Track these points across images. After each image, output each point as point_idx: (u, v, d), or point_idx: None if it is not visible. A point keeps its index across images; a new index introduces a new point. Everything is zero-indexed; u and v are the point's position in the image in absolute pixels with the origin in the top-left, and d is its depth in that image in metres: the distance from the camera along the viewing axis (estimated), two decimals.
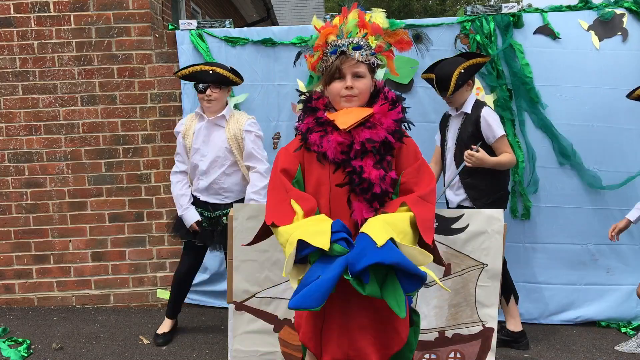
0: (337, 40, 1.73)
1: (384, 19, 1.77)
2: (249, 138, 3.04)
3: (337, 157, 1.70)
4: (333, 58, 1.72)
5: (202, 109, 3.09)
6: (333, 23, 1.77)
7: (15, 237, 3.91)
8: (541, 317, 3.55)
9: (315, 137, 1.73)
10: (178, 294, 3.33)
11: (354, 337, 1.71)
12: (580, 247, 3.48)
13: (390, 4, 18.03)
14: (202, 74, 2.99)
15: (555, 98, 3.42)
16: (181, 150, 3.14)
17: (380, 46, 1.76)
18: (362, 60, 1.71)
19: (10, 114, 3.83)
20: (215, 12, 8.96)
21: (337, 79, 1.73)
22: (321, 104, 1.79)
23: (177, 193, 3.13)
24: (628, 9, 3.36)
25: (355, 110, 1.72)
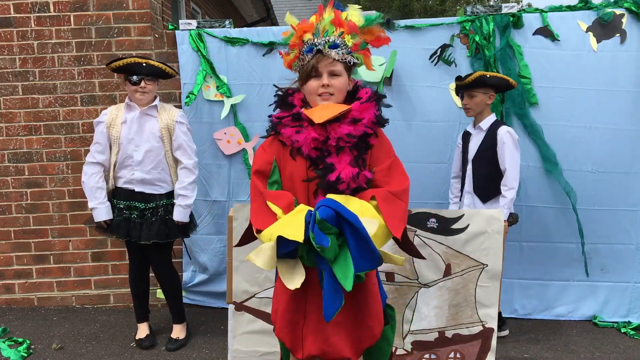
0: (314, 39, 1.74)
1: (359, 16, 1.77)
2: (181, 129, 3.08)
3: (312, 153, 1.71)
4: (309, 57, 1.73)
5: (132, 100, 3.06)
6: (309, 21, 1.77)
7: (15, 237, 3.91)
8: (535, 312, 3.60)
9: (290, 132, 1.74)
10: (137, 297, 3.30)
11: (329, 333, 1.74)
12: (574, 245, 3.51)
13: (390, 4, 18.00)
14: (136, 67, 2.98)
15: (553, 99, 3.42)
16: (102, 140, 3.05)
17: (357, 44, 1.76)
18: (338, 59, 1.72)
19: (10, 114, 3.83)
20: (215, 12, 8.95)
21: (313, 77, 1.74)
22: (298, 99, 1.80)
23: (93, 185, 3.02)
24: (628, 9, 3.35)
25: (331, 106, 1.73)
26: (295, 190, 1.76)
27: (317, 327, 1.75)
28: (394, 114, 3.57)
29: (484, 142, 3.10)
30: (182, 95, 3.69)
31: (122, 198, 3.08)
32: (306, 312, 1.77)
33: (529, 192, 3.50)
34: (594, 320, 3.52)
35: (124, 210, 3.07)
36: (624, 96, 3.38)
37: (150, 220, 3.06)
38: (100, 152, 3.06)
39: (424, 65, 3.50)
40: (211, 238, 3.74)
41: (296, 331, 1.78)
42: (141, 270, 3.27)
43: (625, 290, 3.52)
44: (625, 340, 3.29)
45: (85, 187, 3.07)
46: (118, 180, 3.09)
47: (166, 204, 3.10)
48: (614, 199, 3.46)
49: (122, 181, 3.08)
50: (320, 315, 1.72)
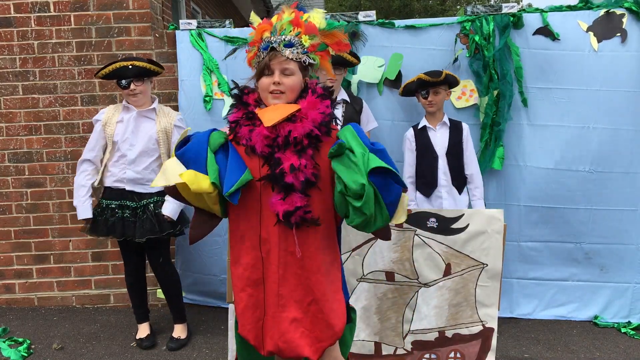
0: (270, 37, 1.76)
1: (321, 19, 1.78)
2: (179, 133, 3.11)
3: (264, 151, 1.72)
4: (264, 54, 1.75)
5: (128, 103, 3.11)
6: (271, 20, 1.80)
7: (15, 237, 3.92)
8: (534, 312, 3.59)
9: (244, 131, 1.76)
10: (135, 298, 3.31)
11: (284, 329, 1.74)
12: (573, 245, 3.51)
13: (391, 3, 18.01)
14: (122, 70, 3.01)
15: (553, 99, 3.42)
16: (96, 138, 3.11)
17: (314, 45, 1.77)
18: (292, 58, 1.73)
19: (10, 114, 3.83)
20: (215, 12, 8.96)
21: (266, 75, 1.75)
22: (252, 99, 1.81)
23: (79, 183, 3.10)
24: (628, 9, 3.35)
25: (281, 107, 1.74)
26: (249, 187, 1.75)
27: (272, 324, 1.75)
28: (394, 114, 3.58)
29: (452, 136, 3.19)
30: (179, 93, 3.67)
31: (113, 198, 3.10)
32: (265, 307, 1.77)
33: (527, 192, 3.50)
34: (595, 321, 3.52)
35: (117, 210, 3.08)
36: (624, 96, 3.38)
37: (142, 217, 3.07)
38: (91, 149, 3.12)
39: (424, 65, 3.49)
40: (209, 239, 3.72)
41: (258, 328, 1.78)
42: (137, 271, 3.27)
43: (626, 290, 3.51)
44: (626, 341, 3.29)
45: (74, 185, 3.15)
46: (108, 178, 3.11)
47: (157, 200, 3.13)
48: (613, 199, 3.45)
49: (113, 179, 3.10)
50: (274, 312, 1.74)
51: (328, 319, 1.75)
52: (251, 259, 1.77)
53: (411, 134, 3.30)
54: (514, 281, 3.58)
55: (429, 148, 3.22)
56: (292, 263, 1.74)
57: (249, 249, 1.77)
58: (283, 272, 1.74)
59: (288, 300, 1.75)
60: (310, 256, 1.75)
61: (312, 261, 1.75)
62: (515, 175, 3.50)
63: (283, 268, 1.74)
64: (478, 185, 3.19)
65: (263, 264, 1.76)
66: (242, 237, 1.79)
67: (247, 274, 1.77)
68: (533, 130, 3.46)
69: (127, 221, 3.06)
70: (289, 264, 1.74)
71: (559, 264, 3.54)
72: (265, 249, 1.75)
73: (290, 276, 1.74)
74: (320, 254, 1.77)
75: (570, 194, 3.47)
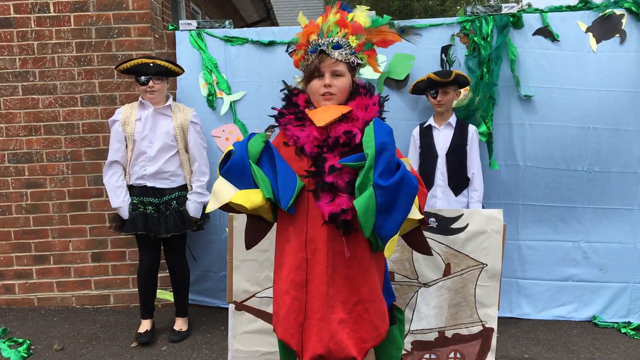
0: (318, 40, 1.76)
1: (366, 17, 1.79)
2: (195, 129, 3.21)
3: (313, 151, 1.73)
4: (313, 57, 1.75)
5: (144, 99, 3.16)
6: (316, 22, 1.79)
7: (15, 237, 3.92)
8: (533, 313, 3.59)
9: (294, 131, 1.77)
10: (145, 293, 3.35)
11: (335, 331, 1.73)
12: (571, 244, 3.51)
13: (391, 4, 18.00)
14: (143, 67, 3.08)
15: (552, 99, 3.42)
16: (119, 138, 3.15)
17: (361, 45, 1.78)
18: (341, 60, 1.74)
19: (10, 114, 3.83)
20: (215, 12, 8.96)
21: (316, 78, 1.76)
22: (302, 100, 1.83)
23: (115, 185, 3.15)
24: (628, 9, 3.35)
25: (332, 108, 1.75)
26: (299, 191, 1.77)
27: (320, 326, 1.74)
28: (394, 112, 3.57)
29: (455, 137, 3.19)
30: (177, 92, 3.66)
31: (136, 194, 3.16)
32: (307, 311, 1.76)
33: (527, 192, 3.50)
34: (594, 321, 3.52)
35: (139, 205, 3.13)
36: (623, 96, 3.38)
37: (165, 214, 3.14)
38: (117, 149, 3.17)
39: (424, 66, 3.50)
40: (210, 237, 3.74)
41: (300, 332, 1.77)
42: (152, 265, 3.31)
43: (624, 290, 3.52)
44: (626, 341, 3.29)
45: (107, 188, 3.19)
46: (131, 177, 3.17)
47: (179, 196, 3.18)
48: (611, 199, 3.46)
49: (134, 177, 3.16)
50: (323, 314, 1.73)
51: (373, 320, 1.76)
52: (296, 261, 1.77)
53: (417, 131, 3.33)
54: (514, 281, 3.58)
55: (431, 147, 3.23)
56: (340, 264, 1.74)
57: (294, 250, 1.77)
58: (332, 272, 1.74)
59: (335, 302, 1.74)
60: (356, 256, 1.75)
61: (359, 261, 1.76)
62: (516, 175, 3.50)
63: (332, 268, 1.74)
64: (477, 188, 3.19)
65: (307, 266, 1.75)
66: (288, 238, 1.80)
67: (292, 277, 1.77)
68: (532, 130, 3.46)
69: (151, 217, 3.13)
70: (337, 265, 1.74)
71: (558, 263, 3.54)
72: (311, 250, 1.75)
73: (338, 277, 1.74)
74: (366, 255, 1.78)
75: (568, 193, 3.47)
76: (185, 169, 3.21)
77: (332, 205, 1.70)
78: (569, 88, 3.40)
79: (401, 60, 3.49)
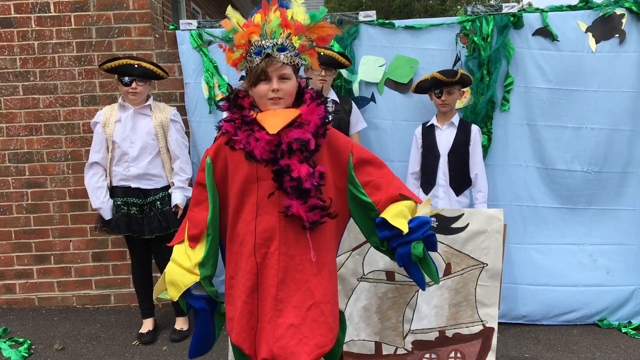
0: (261, 41, 1.70)
1: (304, 14, 1.74)
2: (175, 127, 3.22)
3: (265, 156, 1.71)
4: (258, 59, 1.70)
5: (125, 101, 3.17)
6: (255, 21, 1.74)
7: (15, 237, 3.92)
8: (544, 319, 3.53)
9: (242, 136, 1.73)
10: (141, 289, 3.37)
11: (280, 335, 1.70)
12: (577, 247, 3.48)
13: (391, 3, 17.99)
14: (128, 68, 3.07)
15: (551, 100, 3.42)
16: (98, 140, 3.16)
17: (304, 45, 1.74)
18: (287, 62, 1.70)
19: (10, 114, 3.83)
20: (215, 12, 8.96)
21: (263, 81, 1.72)
22: (247, 102, 1.79)
23: (95, 186, 3.15)
24: (628, 9, 3.35)
25: (282, 112, 1.72)
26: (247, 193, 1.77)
27: (267, 330, 1.73)
28: (394, 114, 3.58)
29: (458, 136, 3.19)
30: (185, 96, 3.68)
31: (119, 195, 3.15)
32: (259, 315, 1.75)
33: (529, 193, 3.49)
34: (597, 322, 3.50)
35: (122, 206, 3.14)
36: (622, 97, 3.38)
37: (149, 215, 3.14)
38: (97, 151, 3.17)
39: (424, 66, 3.50)
40: None
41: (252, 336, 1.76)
42: (144, 264, 3.34)
43: (631, 293, 3.48)
44: (626, 340, 3.29)
45: (87, 188, 3.19)
46: (114, 178, 3.17)
47: (162, 196, 3.18)
48: (612, 200, 3.45)
49: (118, 179, 3.16)
50: (271, 318, 1.72)
51: (329, 322, 1.73)
52: (247, 265, 1.75)
53: (419, 131, 3.33)
54: (523, 287, 3.49)
55: (433, 146, 3.23)
56: (291, 267, 1.73)
57: (246, 255, 1.76)
58: (282, 276, 1.73)
59: (286, 306, 1.72)
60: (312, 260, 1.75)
61: (315, 264, 1.74)
62: (518, 175, 3.50)
63: (283, 272, 1.73)
64: (481, 189, 3.18)
65: (258, 269, 1.74)
66: (240, 244, 1.79)
67: (244, 281, 1.75)
68: (532, 130, 3.46)
69: (134, 218, 3.13)
70: (288, 269, 1.73)
71: (565, 268, 3.48)
72: (260, 254, 1.74)
73: (290, 281, 1.73)
74: (323, 256, 1.77)
75: (569, 194, 3.47)
76: (167, 169, 3.21)
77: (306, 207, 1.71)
78: (567, 88, 3.39)
79: (403, 62, 3.49)
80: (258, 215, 1.74)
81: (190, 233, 1.82)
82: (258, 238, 1.74)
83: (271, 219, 1.74)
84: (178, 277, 1.78)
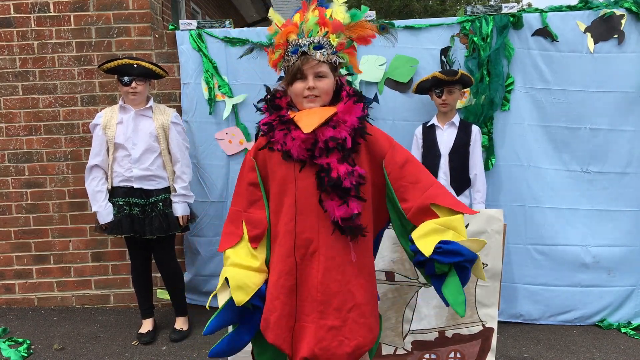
0: (298, 40, 1.71)
1: (344, 13, 1.74)
2: (176, 129, 3.21)
3: (302, 155, 1.71)
4: (294, 58, 1.71)
5: (125, 102, 3.17)
6: (293, 20, 1.74)
7: (15, 237, 3.92)
8: (542, 319, 3.54)
9: (279, 136, 1.74)
10: (141, 290, 3.38)
11: (322, 337, 1.70)
12: (580, 248, 3.47)
13: (391, 3, 17.99)
14: (127, 68, 3.07)
15: (551, 100, 3.42)
16: (98, 142, 3.15)
17: (342, 44, 1.74)
18: (323, 60, 1.70)
19: (10, 114, 3.83)
20: (215, 12, 8.96)
21: (299, 79, 1.72)
22: (284, 102, 1.79)
23: (94, 189, 3.14)
24: (628, 9, 3.35)
25: (318, 111, 1.72)
26: (285, 194, 1.76)
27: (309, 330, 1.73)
28: (394, 114, 3.58)
29: (459, 136, 3.19)
30: (182, 96, 3.68)
31: (121, 195, 3.14)
32: (297, 315, 1.75)
33: (531, 193, 3.49)
34: (598, 323, 3.50)
35: (124, 206, 3.13)
36: (622, 97, 3.38)
37: (151, 215, 3.14)
38: (97, 154, 3.15)
39: (424, 66, 3.50)
40: (210, 239, 3.74)
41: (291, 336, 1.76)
42: (143, 265, 3.34)
43: (631, 294, 3.48)
44: (626, 340, 3.29)
45: (88, 192, 3.19)
46: (115, 179, 3.16)
47: (164, 198, 3.18)
48: (612, 200, 3.45)
49: (119, 180, 3.15)
50: (312, 319, 1.72)
51: (369, 323, 1.74)
52: (285, 266, 1.75)
53: (419, 131, 3.33)
54: (522, 286, 3.51)
55: (434, 146, 3.23)
56: (332, 268, 1.72)
57: (283, 256, 1.76)
58: (322, 277, 1.71)
59: (327, 307, 1.72)
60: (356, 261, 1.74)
61: (354, 266, 1.74)
62: (518, 175, 3.49)
63: (322, 273, 1.72)
64: (480, 189, 3.18)
65: (297, 270, 1.73)
66: (280, 244, 1.78)
67: (282, 282, 1.74)
68: (532, 130, 3.46)
69: (136, 218, 3.13)
70: (328, 269, 1.72)
71: (566, 268, 3.48)
72: (299, 255, 1.73)
73: (330, 282, 1.72)
74: (362, 257, 1.76)
75: (570, 194, 3.46)
76: (168, 170, 3.21)
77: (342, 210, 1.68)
78: (566, 89, 3.40)
79: (403, 62, 3.49)
80: (297, 215, 1.74)
81: (253, 234, 1.82)
82: (297, 239, 1.73)
83: (310, 219, 1.73)
84: (246, 279, 1.77)
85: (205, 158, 3.67)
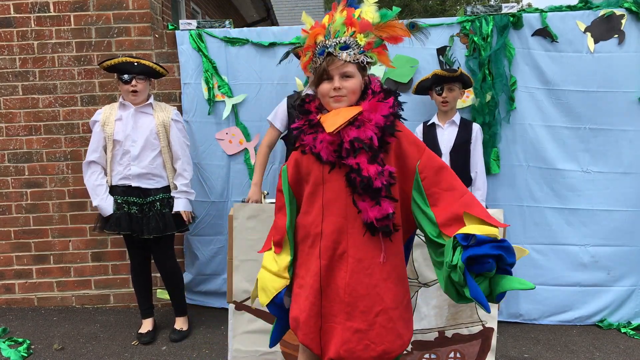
0: (325, 41, 1.71)
1: (374, 12, 1.72)
2: (177, 127, 3.20)
3: (330, 157, 1.70)
4: (321, 59, 1.71)
5: (125, 100, 3.16)
6: (322, 22, 1.74)
7: (15, 237, 3.92)
8: (540, 318, 3.55)
9: (308, 139, 1.75)
10: (140, 290, 3.38)
11: (347, 338, 1.70)
12: (578, 248, 3.48)
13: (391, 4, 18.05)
14: (128, 66, 3.08)
15: (551, 100, 3.43)
16: (96, 139, 3.14)
17: (370, 43, 1.73)
18: (349, 60, 1.69)
19: (10, 114, 3.83)
20: (215, 12, 8.96)
21: (325, 80, 1.72)
22: (313, 106, 1.80)
23: (94, 183, 3.13)
24: (628, 9, 3.35)
25: (342, 111, 1.71)
26: (316, 196, 1.77)
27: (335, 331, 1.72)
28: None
29: (459, 135, 3.19)
30: (182, 96, 3.69)
31: (119, 194, 3.14)
32: (324, 316, 1.74)
33: (531, 193, 3.49)
34: (597, 323, 3.51)
35: (123, 204, 3.12)
36: (622, 97, 3.38)
37: (149, 215, 3.13)
38: (94, 150, 3.15)
39: (424, 66, 3.50)
40: (210, 238, 3.74)
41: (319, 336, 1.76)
42: (142, 265, 3.34)
43: (631, 294, 3.48)
44: (625, 340, 3.29)
45: (87, 186, 3.18)
46: (114, 177, 3.15)
47: (162, 197, 3.17)
48: (612, 200, 3.45)
49: (118, 178, 3.14)
50: (339, 320, 1.71)
51: (397, 328, 1.71)
52: (315, 267, 1.75)
53: (420, 130, 3.34)
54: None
55: (434, 145, 3.22)
56: (359, 270, 1.70)
57: (312, 257, 1.76)
58: (350, 279, 1.70)
59: (354, 310, 1.70)
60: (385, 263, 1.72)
61: (384, 268, 1.72)
62: (519, 175, 3.50)
63: (350, 275, 1.70)
64: (480, 187, 3.18)
65: (325, 272, 1.73)
66: (310, 245, 1.79)
67: (311, 282, 1.75)
68: (532, 130, 3.46)
69: (135, 217, 3.12)
70: (356, 271, 1.70)
71: (566, 268, 3.49)
72: (327, 256, 1.73)
73: (358, 284, 1.70)
74: (392, 260, 1.74)
75: (570, 194, 3.46)
76: (168, 168, 3.20)
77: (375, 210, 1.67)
78: (566, 89, 3.39)
79: (403, 62, 3.49)
80: (325, 217, 1.73)
81: (275, 239, 1.87)
82: (326, 240, 1.73)
83: (339, 220, 1.72)
84: (269, 282, 1.82)
85: (206, 158, 3.68)
